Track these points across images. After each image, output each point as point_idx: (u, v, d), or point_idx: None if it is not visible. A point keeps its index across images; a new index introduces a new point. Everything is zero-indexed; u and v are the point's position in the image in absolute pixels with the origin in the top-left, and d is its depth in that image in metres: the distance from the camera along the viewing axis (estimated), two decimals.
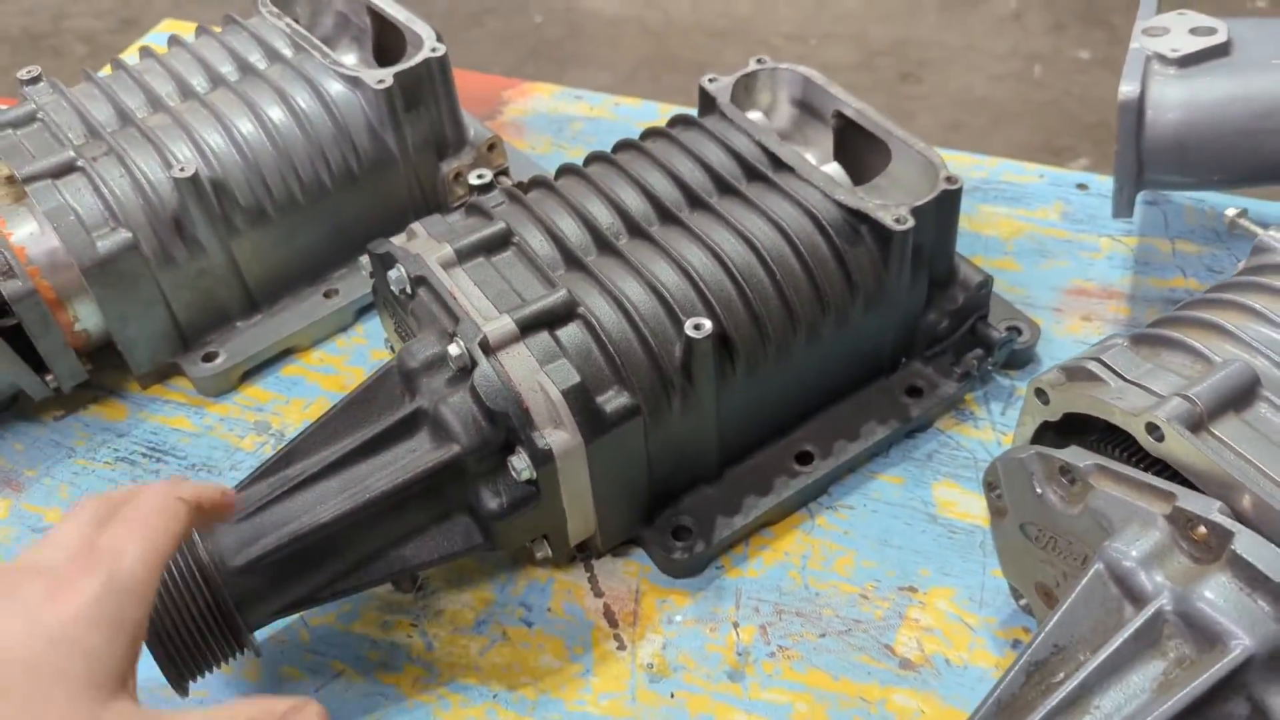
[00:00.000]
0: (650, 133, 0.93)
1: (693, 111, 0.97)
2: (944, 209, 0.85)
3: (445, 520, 0.76)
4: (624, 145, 0.92)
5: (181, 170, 0.89)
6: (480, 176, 0.88)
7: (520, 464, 0.72)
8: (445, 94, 1.02)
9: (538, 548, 0.79)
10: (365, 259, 0.86)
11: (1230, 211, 0.83)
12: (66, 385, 0.93)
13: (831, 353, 0.85)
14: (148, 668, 0.60)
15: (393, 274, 0.79)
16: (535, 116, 1.24)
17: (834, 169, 0.92)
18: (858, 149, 0.94)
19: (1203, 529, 0.58)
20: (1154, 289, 1.01)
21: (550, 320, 0.76)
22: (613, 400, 0.75)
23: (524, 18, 3.31)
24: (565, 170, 0.90)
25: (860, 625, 0.79)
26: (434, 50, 1.00)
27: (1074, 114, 2.92)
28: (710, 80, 0.95)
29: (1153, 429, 0.62)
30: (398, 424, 0.74)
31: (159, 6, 3.29)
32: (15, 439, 0.95)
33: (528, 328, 0.75)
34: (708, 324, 0.75)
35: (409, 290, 0.79)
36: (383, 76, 0.97)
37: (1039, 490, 0.68)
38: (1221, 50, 0.89)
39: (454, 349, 0.73)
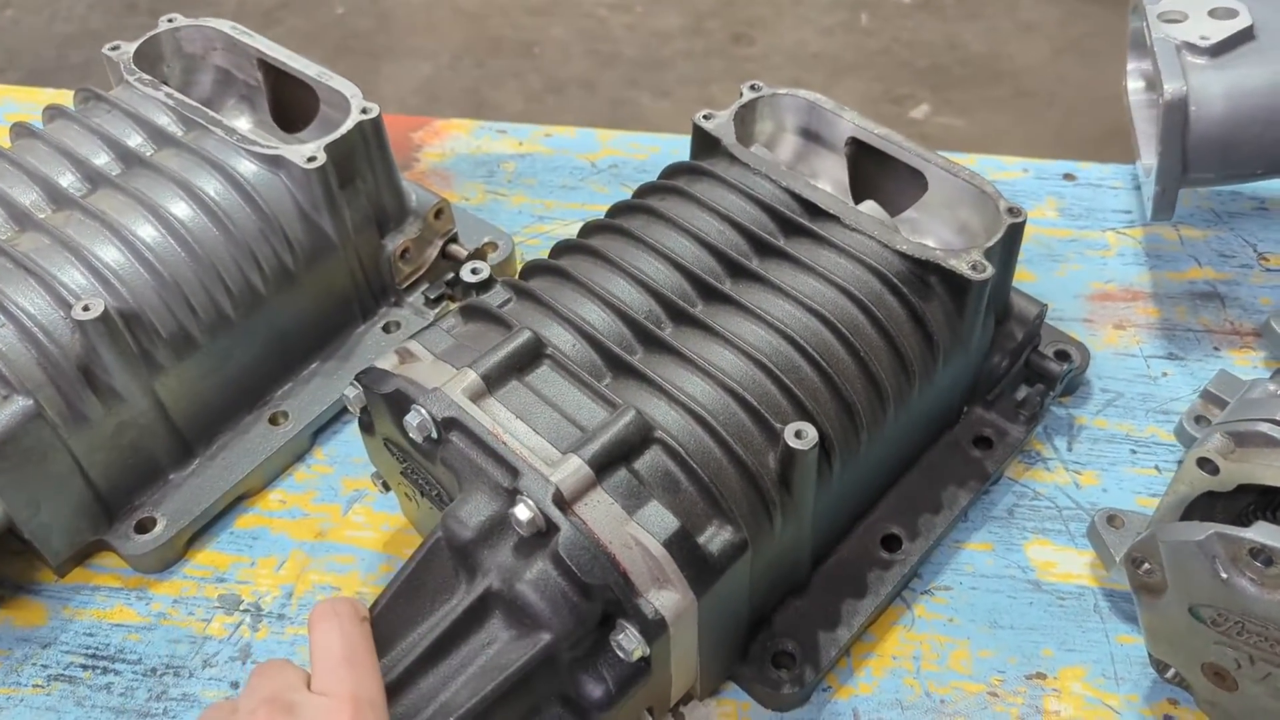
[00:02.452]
0: (651, 189, 0.80)
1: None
2: (1008, 244, 0.76)
3: (534, 718, 0.62)
4: (626, 209, 0.78)
5: (86, 309, 0.70)
6: (475, 271, 0.72)
7: (630, 642, 0.59)
8: (382, 161, 0.85)
9: None
10: (351, 392, 0.69)
11: None
12: None
13: (915, 420, 0.75)
14: None
15: (411, 420, 0.63)
16: (458, 160, 1.07)
17: (872, 208, 0.81)
18: (876, 178, 0.84)
19: None
20: (1174, 283, 0.95)
21: (626, 452, 0.62)
22: (716, 537, 0.62)
23: (325, 9, 3.04)
24: (565, 249, 0.76)
25: None
26: (365, 112, 0.83)
27: (906, 60, 2.92)
28: (705, 117, 0.82)
29: None
30: (464, 616, 0.59)
31: None
32: None
33: (603, 467, 0.61)
34: (810, 430, 0.63)
35: (435, 436, 0.64)
36: (312, 153, 0.80)
37: (1224, 574, 0.60)
38: (1248, 35, 0.83)
39: (522, 511, 0.59)
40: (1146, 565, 0.66)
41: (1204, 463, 0.63)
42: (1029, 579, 0.78)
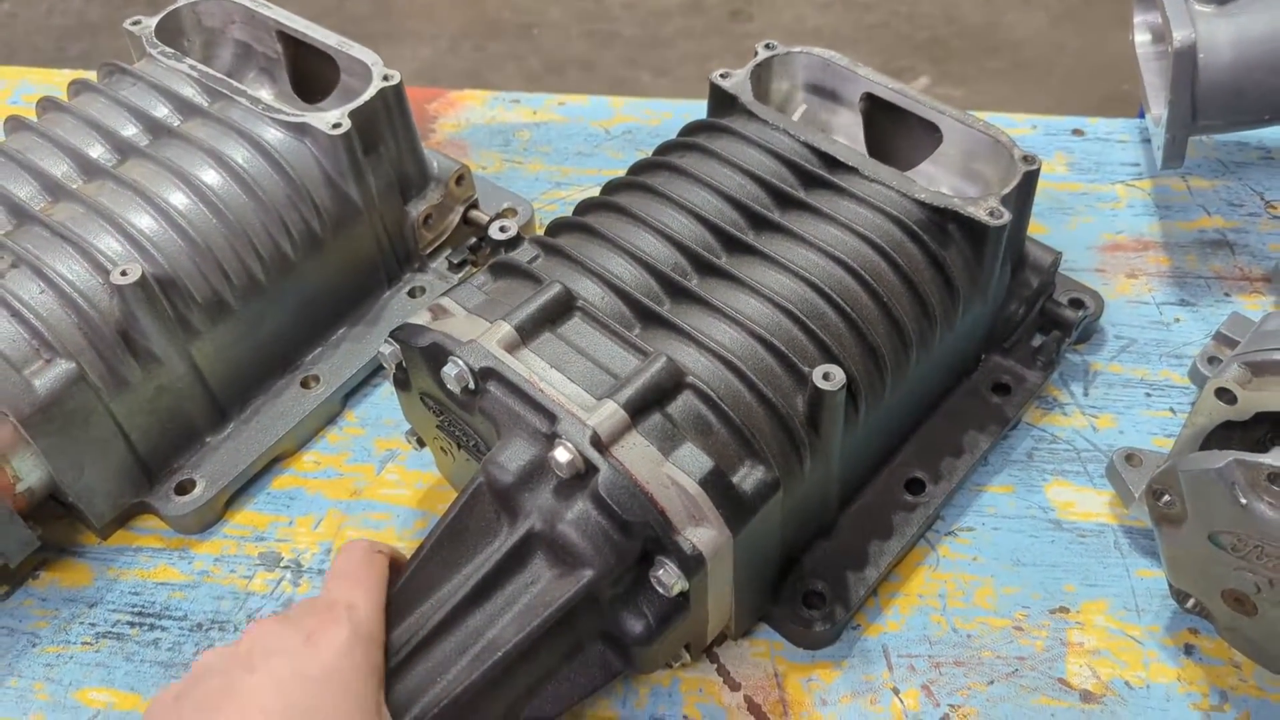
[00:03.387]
0: (671, 146, 0.81)
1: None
2: (1023, 192, 0.78)
3: (578, 654, 0.64)
4: (647, 166, 0.80)
5: (124, 274, 0.71)
6: (504, 229, 0.74)
7: (669, 577, 0.61)
8: (404, 128, 0.87)
9: (676, 658, 0.68)
10: (386, 349, 0.71)
11: None
12: (16, 560, 0.74)
13: (936, 366, 0.77)
14: None
15: (449, 371, 0.65)
16: (474, 130, 1.08)
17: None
18: (890, 133, 0.85)
19: None
20: (1184, 232, 0.97)
21: (659, 397, 0.64)
22: (749, 477, 0.64)
23: None
24: (589, 206, 0.78)
25: (1025, 663, 0.72)
26: (386, 79, 0.84)
27: (905, 33, 2.93)
28: (722, 76, 0.84)
29: None
30: (507, 556, 0.61)
31: None
32: None
33: (637, 411, 0.63)
34: (838, 372, 0.65)
35: (473, 387, 0.65)
36: (337, 119, 0.81)
37: (1243, 500, 0.62)
38: None
39: (562, 454, 0.60)
40: (1167, 497, 0.67)
41: (1222, 393, 0.65)
42: (1049, 519, 0.80)
